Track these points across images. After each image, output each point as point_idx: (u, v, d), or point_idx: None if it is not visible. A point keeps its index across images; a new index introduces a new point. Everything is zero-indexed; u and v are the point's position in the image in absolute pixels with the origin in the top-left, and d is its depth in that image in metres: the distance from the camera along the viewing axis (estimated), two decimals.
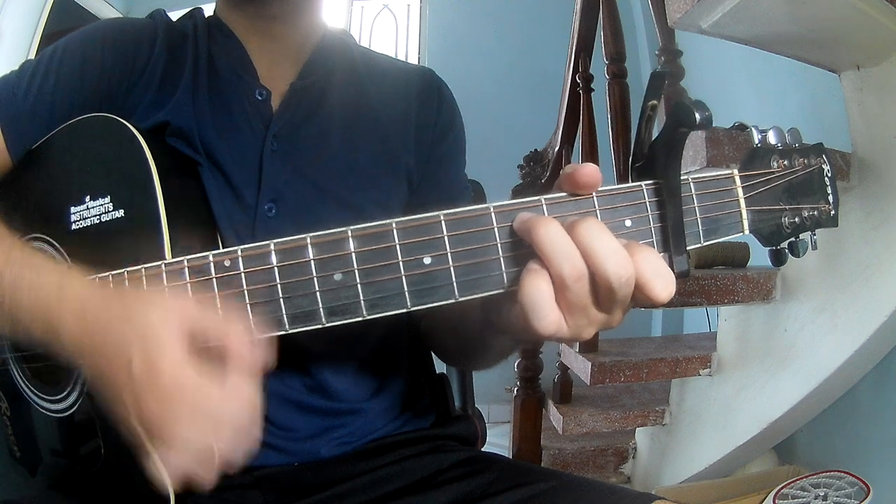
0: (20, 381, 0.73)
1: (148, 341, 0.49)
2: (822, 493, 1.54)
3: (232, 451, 0.50)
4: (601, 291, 0.46)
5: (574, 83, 2.15)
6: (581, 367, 1.79)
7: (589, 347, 1.83)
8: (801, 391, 1.55)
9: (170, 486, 0.51)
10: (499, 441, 2.46)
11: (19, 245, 0.61)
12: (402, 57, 3.75)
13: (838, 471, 1.60)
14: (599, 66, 2.00)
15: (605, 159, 1.92)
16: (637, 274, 0.45)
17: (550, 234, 0.45)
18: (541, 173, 2.26)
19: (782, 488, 1.60)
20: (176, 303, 0.51)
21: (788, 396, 1.58)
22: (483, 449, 0.95)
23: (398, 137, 0.83)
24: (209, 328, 0.51)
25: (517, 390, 1.99)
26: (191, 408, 0.48)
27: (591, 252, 0.45)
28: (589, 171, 0.48)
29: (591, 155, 2.01)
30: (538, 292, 0.45)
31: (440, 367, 0.97)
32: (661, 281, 0.46)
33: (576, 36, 2.17)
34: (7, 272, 0.57)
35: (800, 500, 1.56)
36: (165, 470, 0.50)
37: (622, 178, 1.74)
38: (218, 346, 0.50)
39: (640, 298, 0.46)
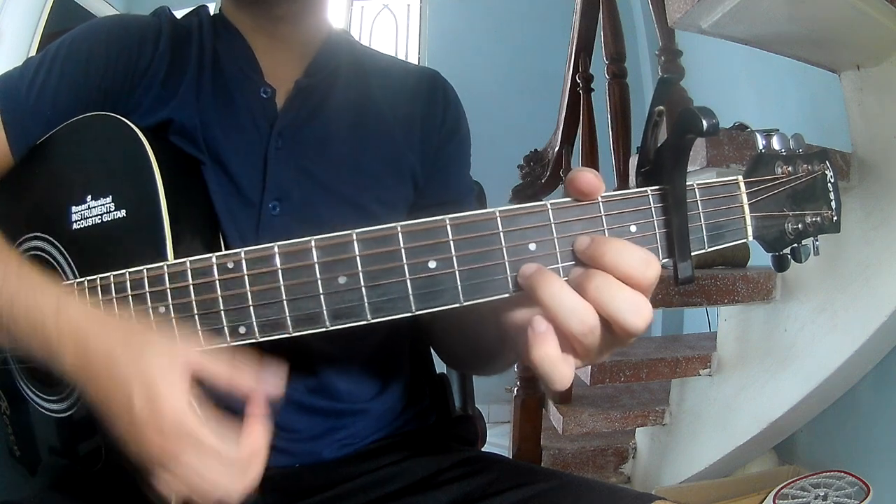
0: (20, 380, 0.72)
1: (149, 381, 0.50)
2: (822, 493, 1.55)
3: (232, 493, 0.51)
4: (617, 333, 0.46)
5: (574, 83, 2.15)
6: (581, 367, 1.79)
7: None
8: (801, 391, 1.55)
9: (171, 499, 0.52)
10: (499, 441, 2.46)
11: (16, 259, 0.61)
12: (401, 57, 3.75)
13: (838, 471, 1.60)
14: (599, 66, 2.00)
15: (605, 159, 1.92)
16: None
17: (554, 294, 0.45)
18: (541, 173, 2.25)
19: (782, 488, 1.60)
20: (177, 343, 0.52)
21: (788, 396, 1.58)
22: (483, 449, 0.95)
23: (403, 138, 0.83)
24: (212, 373, 0.52)
25: (517, 390, 1.99)
26: (191, 446, 0.50)
27: (606, 309, 0.45)
28: (588, 180, 0.48)
29: (590, 155, 2.01)
30: (548, 361, 0.46)
31: (440, 367, 0.97)
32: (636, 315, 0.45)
33: (576, 36, 2.17)
34: (4, 288, 0.57)
35: (800, 500, 1.56)
36: (163, 488, 0.51)
37: (622, 177, 1.75)
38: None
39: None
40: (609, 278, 0.45)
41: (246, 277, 0.51)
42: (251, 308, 0.51)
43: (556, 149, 2.20)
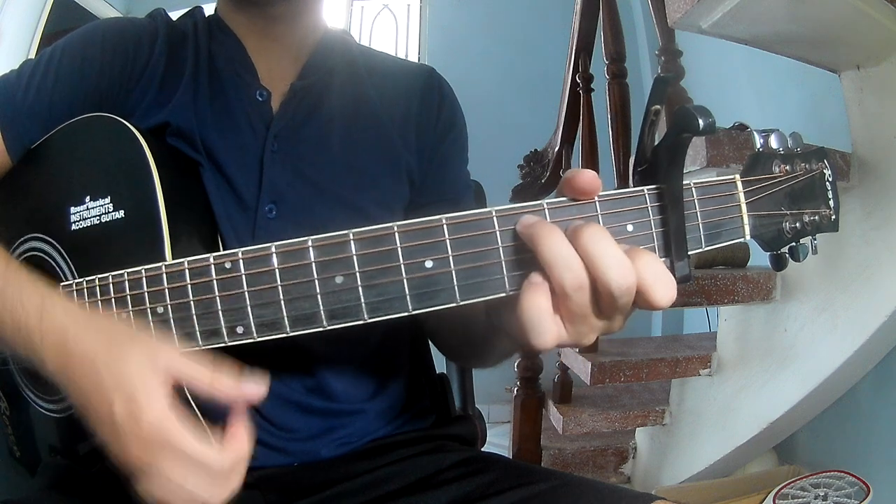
0: (20, 380, 0.72)
1: (130, 389, 0.50)
2: (822, 493, 1.54)
3: (211, 497, 0.51)
4: (602, 300, 0.46)
5: (574, 83, 2.14)
6: (581, 367, 1.79)
7: (589, 347, 1.83)
8: (801, 391, 1.55)
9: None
10: (499, 441, 2.46)
11: (4, 259, 0.61)
12: (401, 57, 3.75)
13: (838, 471, 1.60)
14: (599, 66, 2.00)
15: (604, 159, 1.92)
16: (639, 280, 0.45)
17: (553, 242, 0.45)
18: (541, 173, 2.25)
19: (782, 488, 1.60)
20: (158, 349, 0.52)
21: (788, 396, 1.58)
22: (483, 449, 0.95)
23: (399, 137, 0.83)
24: (194, 379, 0.52)
25: (517, 390, 1.99)
26: (172, 456, 0.49)
27: (593, 261, 0.45)
28: (587, 179, 0.48)
29: (590, 155, 2.01)
30: (537, 309, 0.46)
31: (440, 367, 0.97)
32: (663, 287, 0.46)
33: (576, 36, 2.17)
34: None
35: (800, 500, 1.56)
36: (145, 495, 0.51)
37: (622, 178, 1.75)
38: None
39: (642, 304, 0.47)
40: (602, 232, 0.45)
41: (243, 277, 0.51)
42: (248, 308, 0.51)
43: (556, 149, 2.20)
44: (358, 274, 0.48)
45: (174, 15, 0.84)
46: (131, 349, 0.52)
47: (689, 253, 0.49)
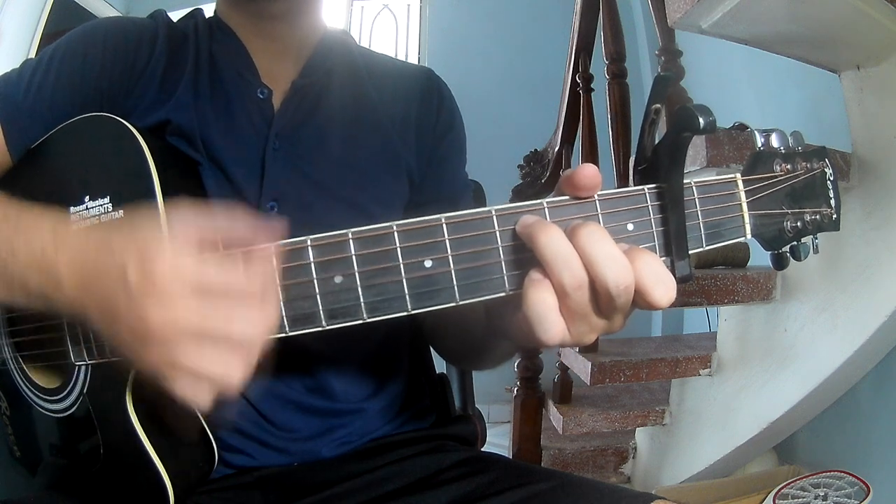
0: (20, 380, 0.72)
1: (141, 245, 0.46)
2: (822, 493, 1.55)
3: (255, 329, 0.47)
4: (601, 299, 0.46)
5: (574, 83, 2.15)
6: (581, 367, 1.79)
7: (589, 347, 1.83)
8: (801, 391, 1.55)
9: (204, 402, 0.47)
10: (499, 441, 2.47)
11: (15, 205, 0.59)
12: (402, 57, 3.75)
13: (838, 471, 1.60)
14: (599, 66, 2.00)
15: (605, 159, 1.92)
16: (637, 280, 0.45)
17: (552, 241, 0.45)
18: (541, 173, 2.26)
19: (782, 488, 1.60)
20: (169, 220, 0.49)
21: (788, 396, 1.58)
22: (483, 449, 0.95)
23: (399, 137, 0.83)
24: (210, 225, 0.49)
25: (517, 390, 1.99)
26: (197, 291, 0.45)
27: (591, 260, 0.45)
28: (588, 173, 0.48)
29: (590, 155, 2.01)
30: (543, 304, 0.46)
31: (440, 367, 0.97)
32: (662, 287, 0.46)
33: (576, 36, 2.17)
34: (4, 228, 0.55)
35: (800, 500, 1.56)
36: (187, 389, 0.47)
37: (622, 178, 1.75)
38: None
39: (641, 303, 0.46)
40: (600, 231, 0.45)
41: None
42: None
43: (556, 149, 2.20)
44: (357, 273, 0.48)
45: (174, 16, 0.84)
46: (141, 220, 0.49)
47: (690, 252, 0.49)
